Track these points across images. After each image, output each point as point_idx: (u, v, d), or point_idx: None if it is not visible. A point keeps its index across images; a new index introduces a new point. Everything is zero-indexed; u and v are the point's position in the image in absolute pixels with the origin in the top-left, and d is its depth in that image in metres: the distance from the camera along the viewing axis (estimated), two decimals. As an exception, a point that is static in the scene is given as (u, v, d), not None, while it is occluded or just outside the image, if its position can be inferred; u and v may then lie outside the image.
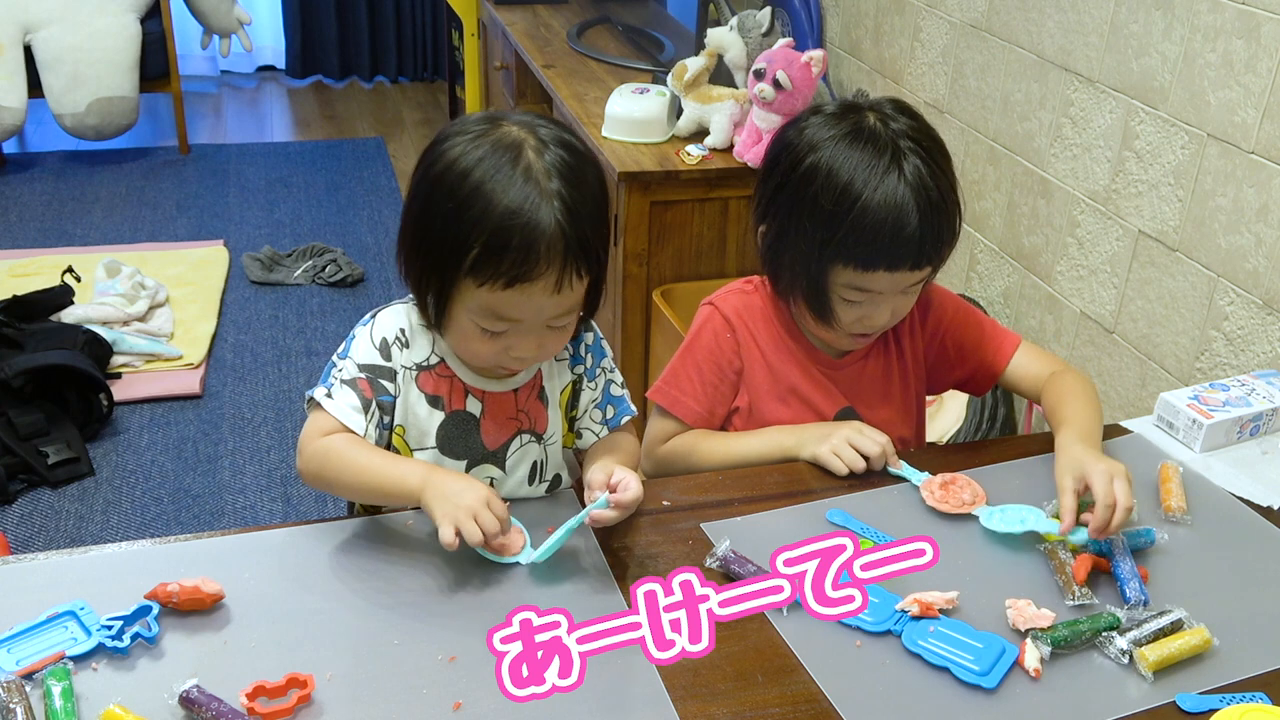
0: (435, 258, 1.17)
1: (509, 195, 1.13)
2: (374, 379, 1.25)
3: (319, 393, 1.24)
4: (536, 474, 1.34)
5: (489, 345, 1.21)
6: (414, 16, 5.59)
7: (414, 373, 1.27)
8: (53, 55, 4.14)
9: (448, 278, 1.17)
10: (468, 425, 1.29)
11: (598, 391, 1.37)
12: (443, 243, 1.15)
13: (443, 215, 1.15)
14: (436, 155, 1.18)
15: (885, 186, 1.29)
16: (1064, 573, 1.18)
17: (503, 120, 1.19)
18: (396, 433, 1.28)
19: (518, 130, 1.17)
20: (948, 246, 1.35)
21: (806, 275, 1.37)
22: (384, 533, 1.22)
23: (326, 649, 1.06)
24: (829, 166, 1.32)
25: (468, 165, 1.14)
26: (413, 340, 1.28)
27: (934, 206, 1.30)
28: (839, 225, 1.31)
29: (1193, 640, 1.09)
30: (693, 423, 1.47)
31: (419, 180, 1.19)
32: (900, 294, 1.37)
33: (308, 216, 4.14)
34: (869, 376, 1.49)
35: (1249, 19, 1.66)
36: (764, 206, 1.42)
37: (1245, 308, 1.72)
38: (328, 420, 1.23)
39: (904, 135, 1.32)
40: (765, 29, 2.78)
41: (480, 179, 1.14)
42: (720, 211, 2.67)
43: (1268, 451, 1.44)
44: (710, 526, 1.25)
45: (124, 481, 2.66)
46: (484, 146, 1.15)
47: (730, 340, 1.46)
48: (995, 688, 1.04)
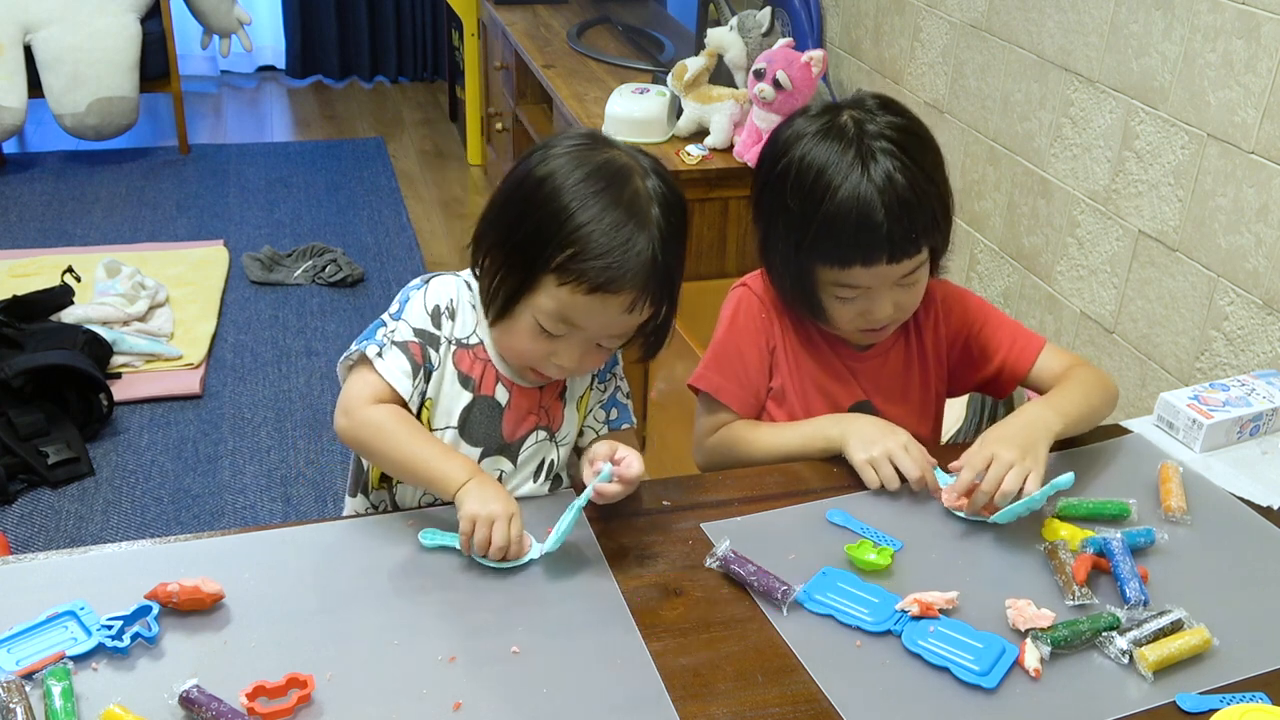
0: (527, 249, 1.19)
1: (616, 211, 1.18)
2: (425, 345, 1.26)
3: (370, 350, 1.24)
4: (544, 471, 1.35)
5: (537, 346, 1.23)
6: (414, 16, 5.59)
7: (453, 347, 1.28)
8: (53, 55, 4.14)
9: (533, 270, 1.19)
10: (492, 413, 1.30)
11: (605, 394, 1.39)
12: (540, 236, 1.18)
13: (551, 213, 1.18)
14: (548, 157, 1.22)
15: (849, 183, 1.30)
16: (1064, 573, 1.18)
17: (607, 143, 1.24)
18: (426, 405, 1.29)
19: (624, 156, 1.23)
20: (927, 237, 1.35)
21: (792, 278, 1.38)
22: (384, 533, 1.22)
23: (326, 649, 1.06)
24: (798, 166, 1.34)
25: (583, 174, 1.19)
26: (459, 313, 1.29)
27: (901, 199, 1.30)
28: (809, 225, 1.33)
29: (1192, 640, 1.09)
30: (739, 408, 1.46)
31: (524, 175, 1.22)
32: (896, 286, 1.37)
33: (308, 216, 4.14)
34: (889, 372, 1.50)
35: (1249, 19, 1.66)
36: (755, 208, 1.44)
37: (1245, 308, 1.72)
38: (375, 381, 1.23)
39: (877, 134, 1.33)
40: (765, 29, 2.78)
41: (593, 190, 1.18)
42: (720, 211, 2.67)
43: (1268, 451, 1.44)
44: (710, 526, 1.25)
45: (124, 481, 2.66)
46: (595, 161, 1.20)
47: (766, 320, 1.47)
48: (995, 688, 1.04)
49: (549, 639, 1.08)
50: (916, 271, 1.37)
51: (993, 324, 1.52)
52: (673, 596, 1.15)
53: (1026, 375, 1.50)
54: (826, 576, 1.17)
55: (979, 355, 1.52)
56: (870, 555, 1.18)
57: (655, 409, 2.63)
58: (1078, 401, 1.39)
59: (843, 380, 1.47)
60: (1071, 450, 1.40)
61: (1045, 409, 1.36)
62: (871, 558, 1.18)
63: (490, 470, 1.30)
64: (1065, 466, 1.30)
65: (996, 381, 1.53)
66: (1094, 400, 1.42)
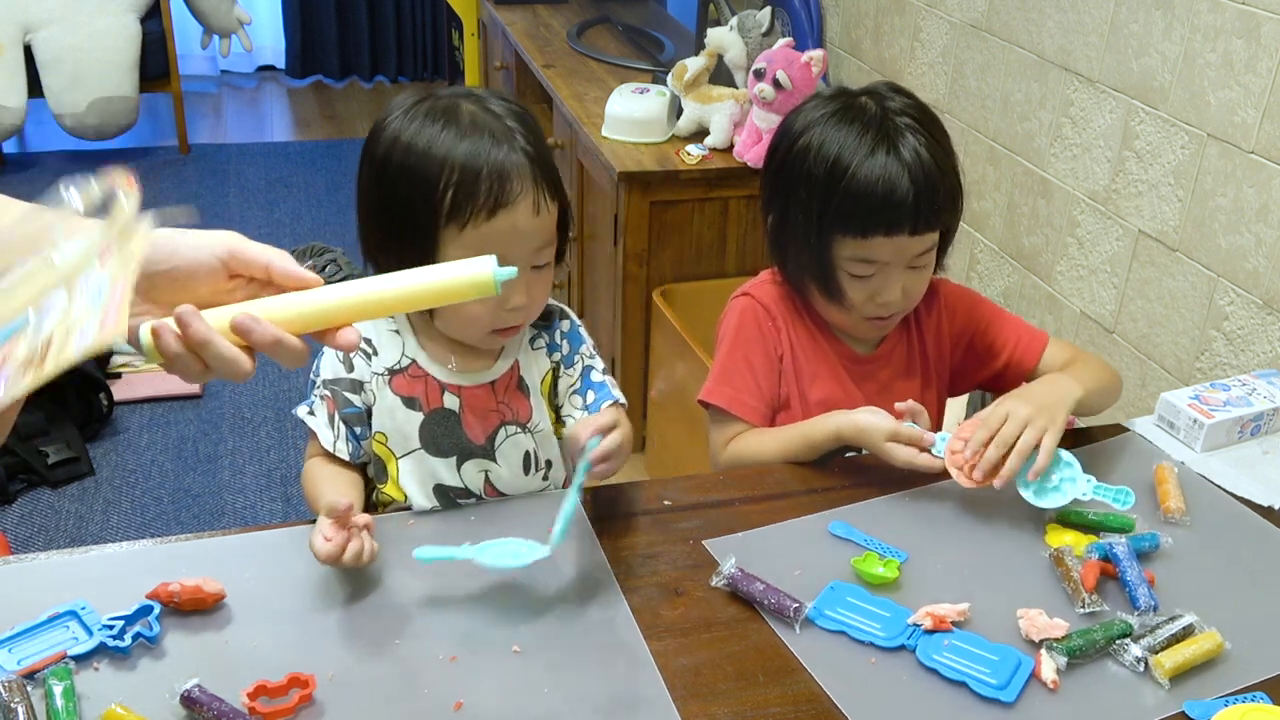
0: (410, 227, 1.19)
1: (467, 139, 1.17)
2: (337, 392, 1.28)
3: (302, 410, 1.29)
4: (531, 464, 1.34)
5: (484, 303, 1.20)
6: (414, 16, 5.58)
7: (386, 378, 1.28)
8: (53, 55, 4.14)
9: (429, 240, 1.18)
10: (449, 421, 1.29)
11: (575, 378, 1.37)
12: (416, 200, 1.17)
13: (407, 182, 1.18)
14: (377, 140, 1.21)
15: (876, 156, 1.33)
16: (1071, 580, 1.16)
17: (432, 95, 1.24)
18: (378, 439, 1.29)
19: (448, 98, 1.22)
20: (947, 213, 1.36)
21: (810, 251, 1.38)
22: (385, 533, 1.22)
23: (328, 649, 1.06)
24: (821, 141, 1.36)
25: (417, 126, 1.19)
26: (380, 346, 1.29)
27: (926, 171, 1.33)
28: (833, 193, 1.34)
29: (1205, 645, 1.08)
30: (753, 419, 1.45)
31: (367, 170, 1.23)
32: (908, 268, 1.38)
33: (308, 216, 4.14)
34: (891, 375, 1.50)
35: (1249, 19, 1.66)
36: (767, 194, 1.44)
37: (1245, 308, 1.72)
38: (313, 435, 1.29)
39: (899, 112, 1.36)
40: (765, 29, 2.78)
41: (430, 139, 1.18)
42: (720, 211, 2.67)
43: (1268, 451, 1.44)
44: (714, 544, 1.23)
45: (124, 481, 2.66)
46: (418, 117, 1.20)
47: (772, 327, 1.47)
48: (1014, 701, 1.03)
49: (549, 639, 1.08)
50: (926, 254, 1.38)
51: (997, 321, 1.53)
52: (673, 596, 1.15)
53: (1033, 370, 1.50)
54: (835, 591, 1.15)
55: (985, 353, 1.52)
56: (878, 569, 1.17)
57: (655, 409, 2.62)
58: (1093, 377, 1.41)
59: (845, 386, 1.48)
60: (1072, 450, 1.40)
61: (1065, 377, 1.37)
62: (879, 571, 1.17)
63: (475, 473, 1.30)
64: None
65: (1002, 378, 1.53)
66: (1105, 380, 1.43)
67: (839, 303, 1.41)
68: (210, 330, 0.82)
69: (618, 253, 2.65)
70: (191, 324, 0.82)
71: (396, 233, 1.21)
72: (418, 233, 1.19)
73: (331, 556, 1.09)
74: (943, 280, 1.52)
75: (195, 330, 0.82)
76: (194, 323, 0.82)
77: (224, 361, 0.83)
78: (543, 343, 1.35)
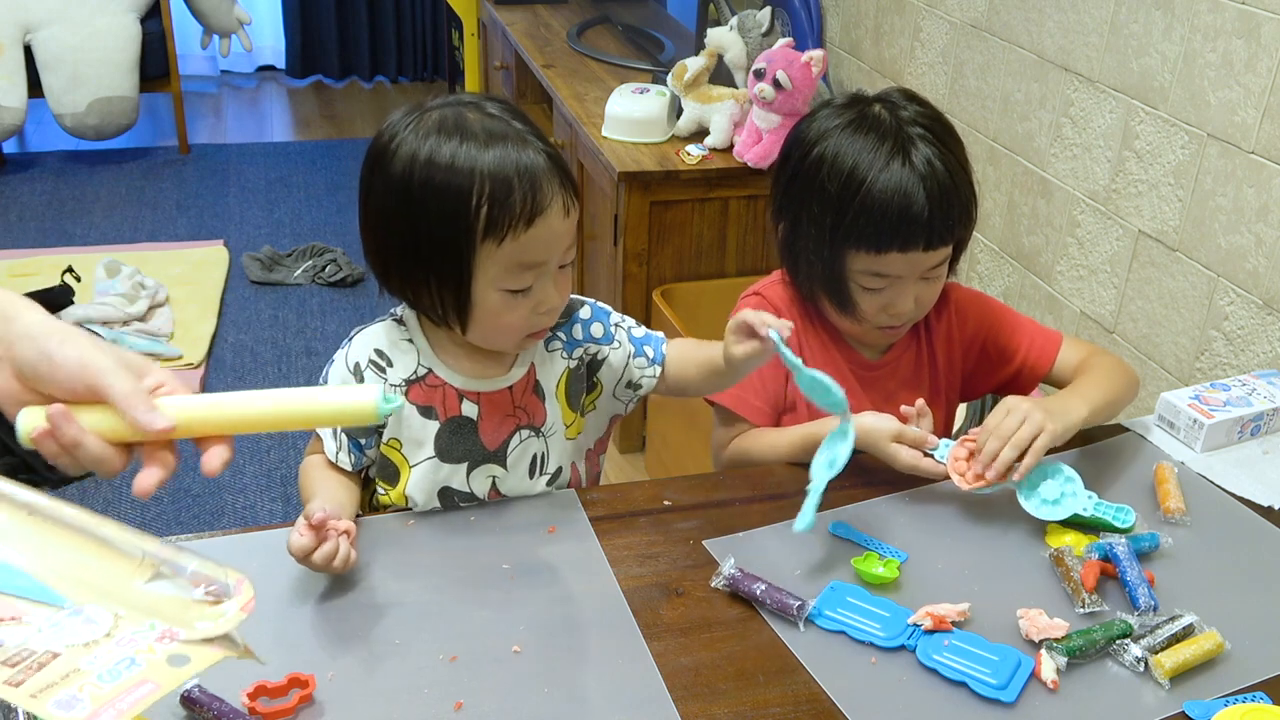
0: (441, 247, 1.17)
1: (487, 151, 1.15)
2: None
3: None
4: (537, 467, 1.34)
5: (519, 310, 1.20)
6: (414, 16, 5.59)
7: (403, 388, 1.27)
8: (53, 55, 4.14)
9: (465, 258, 1.16)
10: (465, 429, 1.29)
11: (624, 346, 1.35)
12: (446, 223, 1.15)
13: (436, 200, 1.15)
14: (390, 161, 1.17)
15: (891, 169, 1.31)
16: (1071, 579, 1.16)
17: (423, 109, 1.20)
18: (391, 445, 1.28)
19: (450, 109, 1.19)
20: (961, 227, 1.36)
21: (822, 263, 1.38)
22: (385, 532, 1.22)
23: (328, 649, 1.06)
24: (835, 153, 1.35)
25: (430, 146, 1.16)
26: (395, 358, 1.28)
27: (941, 186, 1.32)
28: (847, 209, 1.33)
29: (1206, 645, 1.08)
30: (757, 419, 1.45)
31: (385, 196, 1.18)
32: (921, 280, 1.37)
33: (308, 216, 4.14)
34: (900, 380, 1.49)
35: (1249, 19, 1.66)
36: (779, 202, 1.43)
37: (1245, 308, 1.72)
38: (315, 437, 1.29)
39: (911, 121, 1.35)
40: (765, 29, 2.78)
41: (453, 150, 1.15)
42: (720, 211, 2.67)
43: (1268, 451, 1.44)
44: (713, 544, 1.23)
45: (124, 481, 2.66)
46: (431, 133, 1.17)
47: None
48: (1014, 701, 1.03)
49: (550, 639, 1.08)
50: (940, 266, 1.38)
51: (1010, 324, 1.52)
52: (673, 596, 1.15)
53: (1048, 373, 1.49)
54: (835, 591, 1.15)
55: (998, 357, 1.52)
56: (878, 568, 1.17)
57: (655, 409, 2.62)
58: (1101, 388, 1.39)
59: (853, 391, 1.47)
60: (1072, 450, 1.40)
61: (1071, 396, 1.37)
62: (879, 571, 1.17)
63: (483, 479, 1.30)
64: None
65: (1016, 382, 1.52)
66: (1117, 386, 1.42)
67: (850, 314, 1.41)
68: (82, 433, 0.82)
69: (618, 253, 2.65)
70: (61, 426, 0.82)
71: (426, 257, 1.18)
72: (451, 255, 1.16)
73: (304, 550, 1.09)
74: (954, 285, 1.51)
75: (64, 433, 0.82)
76: (63, 426, 0.82)
77: (95, 462, 0.84)
78: (558, 344, 1.33)
